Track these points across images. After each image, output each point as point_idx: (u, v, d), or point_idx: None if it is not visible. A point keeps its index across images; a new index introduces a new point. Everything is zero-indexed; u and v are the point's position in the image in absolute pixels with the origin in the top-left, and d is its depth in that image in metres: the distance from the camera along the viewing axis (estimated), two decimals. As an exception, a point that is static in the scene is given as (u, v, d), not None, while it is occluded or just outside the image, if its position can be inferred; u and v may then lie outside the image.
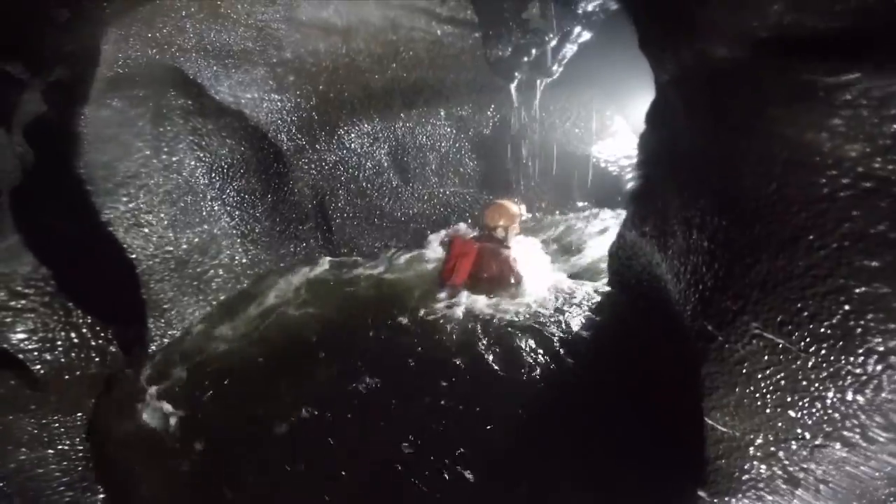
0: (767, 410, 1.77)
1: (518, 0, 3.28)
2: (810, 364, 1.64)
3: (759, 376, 1.77)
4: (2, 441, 2.23)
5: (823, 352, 1.60)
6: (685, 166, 2.06)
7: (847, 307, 1.52)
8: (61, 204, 2.70)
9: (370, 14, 3.52)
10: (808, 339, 1.62)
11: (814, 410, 1.66)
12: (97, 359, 2.61)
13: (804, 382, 1.66)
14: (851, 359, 1.55)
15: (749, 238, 1.73)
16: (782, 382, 1.72)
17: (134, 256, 2.96)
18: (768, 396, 1.77)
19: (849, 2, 1.37)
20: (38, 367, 2.42)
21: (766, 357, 1.74)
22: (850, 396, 1.58)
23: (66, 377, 2.51)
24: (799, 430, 1.71)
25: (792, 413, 1.71)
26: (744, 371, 1.82)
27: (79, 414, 2.51)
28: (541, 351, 2.71)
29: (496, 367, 2.66)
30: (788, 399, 1.71)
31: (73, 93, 2.67)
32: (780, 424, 1.75)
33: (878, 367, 1.51)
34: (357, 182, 3.89)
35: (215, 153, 3.33)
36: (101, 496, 2.31)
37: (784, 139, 1.57)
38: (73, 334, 2.54)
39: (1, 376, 2.31)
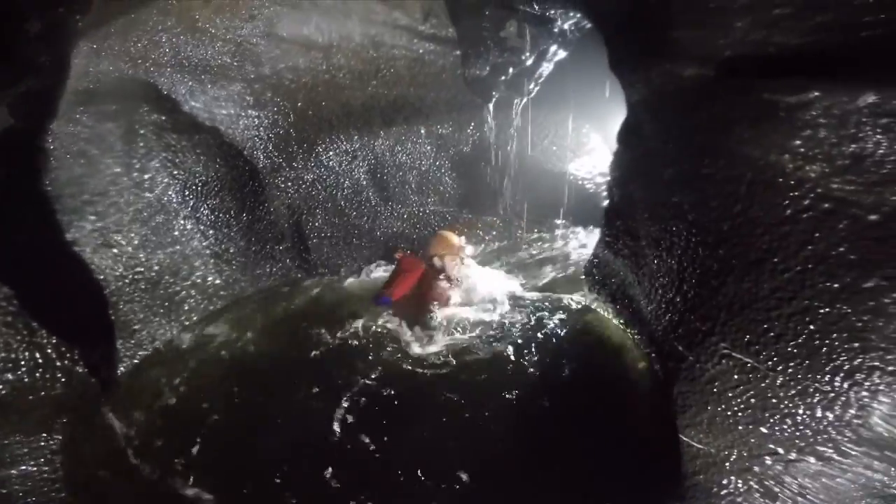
0: (740, 427, 1.80)
1: (496, 19, 3.32)
2: (779, 382, 1.67)
3: (730, 394, 1.80)
4: None
5: (791, 370, 1.63)
6: (654, 186, 2.09)
7: (812, 327, 1.55)
8: (26, 221, 2.61)
9: (352, 31, 3.52)
10: (775, 359, 1.65)
11: (785, 427, 1.69)
12: (63, 379, 2.54)
13: (774, 400, 1.69)
14: (819, 377, 1.58)
15: (716, 260, 1.75)
16: (752, 400, 1.75)
17: (102, 277, 2.87)
18: (740, 414, 1.79)
19: (810, 19, 1.41)
20: (0, 387, 2.35)
21: (735, 376, 1.77)
22: (819, 413, 1.61)
23: (30, 397, 2.44)
24: (772, 446, 1.74)
25: (764, 430, 1.74)
26: (714, 390, 1.84)
27: (43, 434, 2.43)
28: (515, 370, 2.71)
29: (466, 386, 2.66)
30: (759, 416, 1.74)
31: (42, 106, 2.59)
32: (752, 440, 1.78)
33: (846, 385, 1.54)
34: (335, 201, 3.85)
35: (189, 171, 3.26)
36: None
37: (749, 159, 1.60)
38: (37, 354, 2.48)
39: None
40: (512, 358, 2.80)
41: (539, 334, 2.94)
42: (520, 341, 2.90)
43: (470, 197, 4.15)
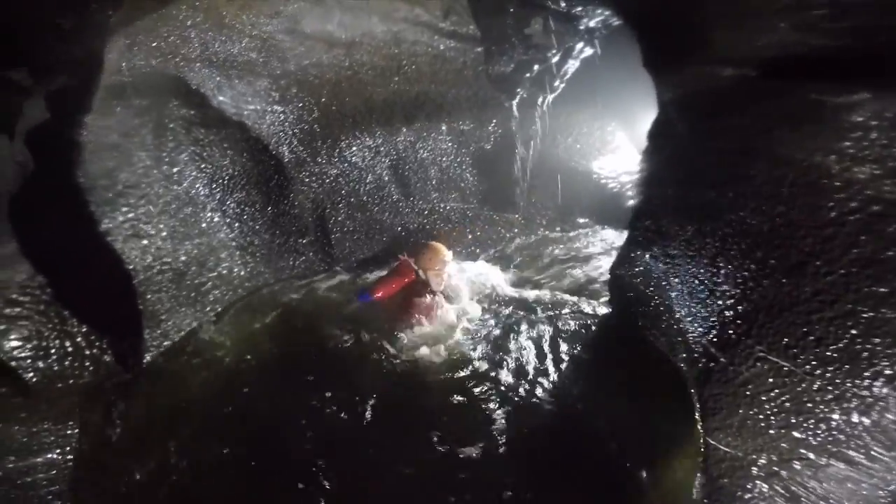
0: (771, 431, 1.77)
1: (520, 16, 3.30)
2: (815, 387, 1.64)
3: (764, 398, 1.77)
4: None
5: (829, 374, 1.60)
6: (687, 186, 2.07)
7: (854, 331, 1.52)
8: (60, 212, 2.66)
9: (374, 27, 3.53)
10: (813, 363, 1.62)
11: (819, 432, 1.67)
12: (91, 368, 2.56)
13: (809, 404, 1.67)
14: (857, 381, 1.55)
15: (753, 261, 1.72)
16: (787, 404, 1.73)
17: (132, 267, 2.92)
18: (772, 418, 1.77)
19: (850, 20, 1.37)
20: (31, 374, 2.38)
21: (770, 379, 1.75)
22: (855, 418, 1.58)
23: (59, 385, 2.46)
24: (803, 450, 1.71)
25: (796, 434, 1.71)
26: (748, 393, 1.82)
27: (69, 423, 2.44)
28: (534, 369, 2.70)
29: (485, 384, 2.65)
30: (792, 420, 1.72)
31: (76, 101, 2.65)
32: (783, 445, 1.75)
33: (885, 390, 1.51)
34: (358, 196, 3.87)
35: (216, 164, 3.30)
36: None
37: (791, 161, 1.57)
38: (67, 343, 2.50)
39: None
40: (526, 359, 2.78)
41: (555, 335, 2.92)
42: (535, 341, 2.88)
43: (491, 194, 4.13)
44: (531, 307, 3.17)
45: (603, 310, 3.05)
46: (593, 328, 2.95)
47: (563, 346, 2.84)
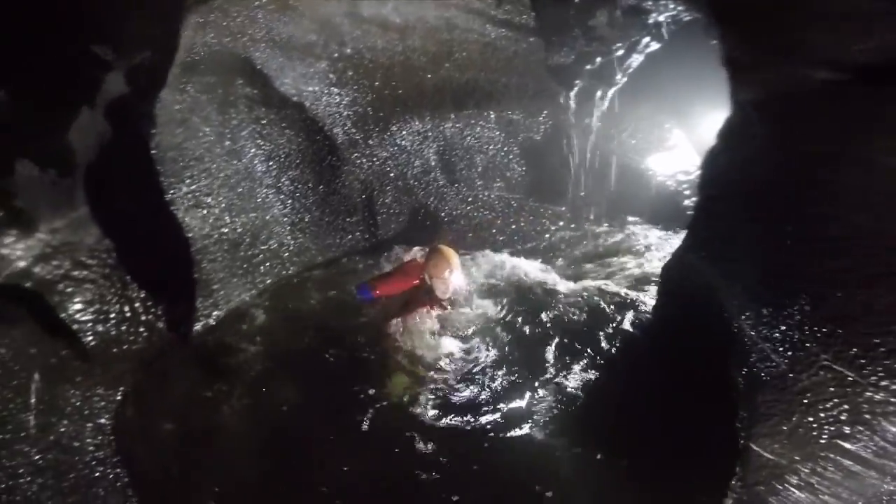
0: (822, 441, 1.74)
1: (584, 7, 3.24)
2: (878, 398, 1.60)
3: (821, 407, 1.73)
4: (48, 412, 2.15)
5: (894, 387, 1.56)
6: (761, 190, 1.99)
7: (932, 346, 1.47)
8: (131, 181, 2.79)
9: (427, 13, 3.56)
10: (880, 374, 1.57)
11: (871, 443, 1.63)
12: (145, 334, 2.63)
13: (867, 416, 1.63)
14: None
15: (828, 270, 1.68)
16: (844, 415, 1.68)
17: (191, 235, 3.06)
18: (826, 427, 1.73)
19: None
20: (90, 338, 2.41)
21: (831, 388, 1.70)
22: None
23: (114, 350, 2.50)
24: (849, 462, 1.68)
25: (847, 445, 1.68)
26: (805, 401, 1.77)
27: (120, 388, 2.47)
28: (570, 368, 2.68)
29: (528, 375, 2.65)
30: (846, 431, 1.68)
31: (153, 76, 2.76)
32: (830, 455, 1.72)
33: None
34: (405, 179, 3.93)
35: (274, 143, 3.43)
36: (130, 473, 2.27)
37: (881, 169, 1.52)
38: (125, 308, 2.56)
39: (53, 346, 2.28)
40: (562, 357, 2.75)
41: (596, 332, 2.88)
42: (574, 338, 2.84)
43: (537, 185, 4.09)
44: (572, 302, 3.12)
45: (649, 310, 2.98)
46: (638, 328, 2.89)
47: (604, 345, 2.80)
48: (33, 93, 2.32)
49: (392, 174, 3.87)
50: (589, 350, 2.78)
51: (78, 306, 2.38)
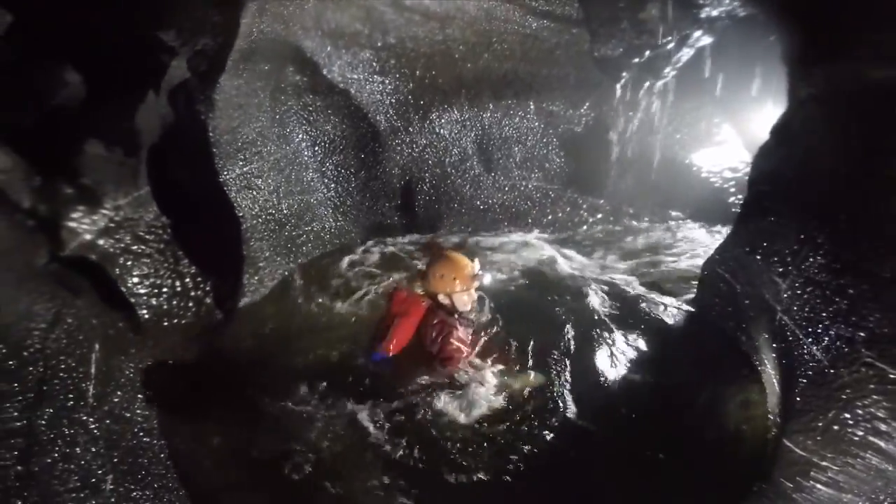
0: (856, 438, 1.72)
1: (635, 0, 3.19)
2: None
3: (859, 404, 1.71)
4: (105, 382, 2.20)
5: None
6: (816, 188, 1.97)
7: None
8: (189, 162, 2.96)
9: (467, 3, 3.59)
10: None
11: None
12: (193, 309, 2.73)
13: None
14: None
15: (882, 266, 1.65)
16: (881, 413, 1.66)
17: (241, 215, 3.20)
18: (862, 424, 1.71)
19: None
20: (144, 311, 2.51)
21: (871, 386, 1.68)
22: None
23: (165, 324, 2.60)
24: (877, 461, 1.66)
25: (881, 443, 1.65)
26: (844, 397, 1.75)
27: (169, 361, 2.55)
28: (604, 362, 2.65)
29: (557, 367, 2.62)
30: (883, 427, 1.65)
31: (214, 62, 2.89)
32: (861, 453, 1.69)
33: None
34: (443, 167, 3.98)
35: (320, 129, 3.56)
36: (170, 445, 2.29)
37: None
38: (177, 283, 2.67)
39: (112, 318, 2.35)
40: (596, 351, 2.72)
41: (631, 326, 2.84)
42: (609, 332, 2.81)
43: (577, 176, 4.07)
44: (608, 294, 3.10)
45: (688, 305, 2.94)
46: (675, 323, 2.86)
47: (639, 340, 2.77)
48: (103, 77, 2.46)
49: (430, 161, 3.93)
50: (623, 343, 2.76)
51: (135, 279, 2.51)
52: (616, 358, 2.69)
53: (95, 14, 2.46)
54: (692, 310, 2.92)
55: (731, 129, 4.04)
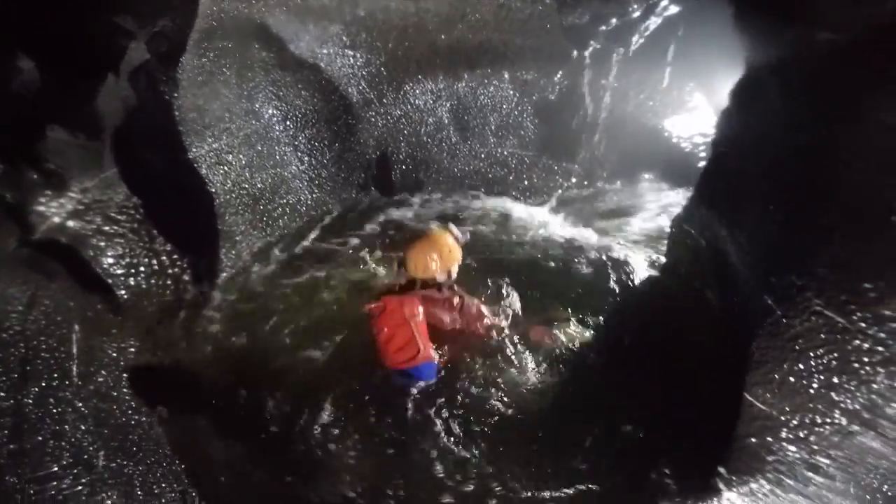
0: (811, 391, 1.77)
1: (602, -32, 3.16)
2: (866, 346, 1.63)
3: (811, 354, 1.76)
4: (88, 362, 2.24)
5: (883, 335, 1.59)
6: (770, 148, 2.04)
7: (919, 293, 1.48)
8: (155, 142, 2.92)
9: None
10: (870, 320, 1.61)
11: (858, 394, 1.66)
12: (172, 287, 2.76)
13: (855, 364, 1.66)
14: None
15: (830, 218, 1.72)
16: (833, 363, 1.71)
17: (213, 191, 3.21)
18: (815, 376, 1.76)
19: None
20: (122, 292, 2.54)
21: (822, 335, 1.73)
22: None
23: (144, 303, 2.63)
24: (837, 414, 1.70)
25: (835, 395, 1.71)
26: (797, 347, 1.80)
27: (151, 340, 2.58)
28: (578, 315, 2.77)
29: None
30: (835, 380, 1.70)
31: (174, 43, 2.86)
32: (819, 407, 1.74)
33: None
34: (418, 136, 3.98)
35: (291, 104, 3.52)
36: (161, 421, 2.33)
37: (883, 125, 1.56)
38: (154, 261, 2.70)
39: (90, 299, 2.38)
40: (570, 304, 2.83)
41: (604, 281, 2.97)
42: (582, 286, 2.94)
43: (551, 143, 4.09)
44: (581, 252, 3.22)
45: (656, 261, 3.07)
46: (644, 278, 2.97)
47: (610, 294, 2.91)
48: (61, 63, 2.44)
49: (406, 131, 3.93)
50: (596, 299, 2.89)
51: (110, 260, 2.53)
52: (594, 313, 2.80)
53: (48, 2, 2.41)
54: (664, 265, 3.01)
55: (701, 96, 4.09)
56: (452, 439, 2.30)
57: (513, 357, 2.56)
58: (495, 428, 2.34)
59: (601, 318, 2.79)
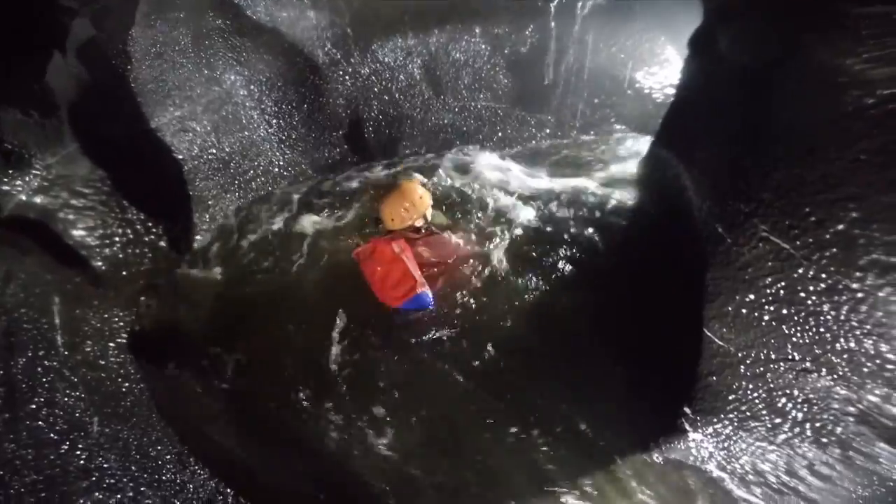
0: (763, 324, 1.85)
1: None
2: (811, 274, 1.69)
3: (761, 283, 1.84)
4: (73, 333, 2.31)
5: (825, 261, 1.65)
6: (720, 86, 2.13)
7: (855, 214, 1.57)
8: (114, 114, 2.88)
9: None
10: (811, 246, 1.67)
11: (807, 327, 1.73)
12: (150, 255, 2.82)
13: (802, 294, 1.73)
14: (851, 272, 1.60)
15: (771, 148, 1.79)
16: (781, 293, 1.78)
17: (181, 157, 3.18)
18: (766, 307, 1.84)
19: None
20: (99, 263, 2.62)
21: (769, 263, 1.80)
22: (843, 314, 1.65)
23: (124, 273, 2.70)
24: (790, 349, 1.78)
25: (785, 329, 1.78)
26: (746, 277, 1.88)
27: (134, 309, 2.68)
28: (555, 258, 2.87)
29: (508, 267, 2.84)
30: (784, 311, 1.78)
31: (119, 18, 2.82)
32: (772, 341, 1.83)
33: (879, 281, 1.55)
34: (390, 93, 3.92)
35: (253, 68, 3.43)
36: (151, 388, 2.41)
37: (818, 63, 1.64)
38: (128, 231, 2.76)
39: (66, 273, 2.45)
40: (547, 248, 2.93)
41: (577, 224, 3.04)
42: (556, 231, 3.01)
43: (524, 95, 4.06)
44: (554, 199, 3.28)
45: (626, 203, 3.14)
46: (615, 220, 3.06)
47: (585, 236, 2.98)
48: (2, 45, 2.40)
49: (376, 89, 3.86)
50: (567, 241, 2.97)
51: (82, 232, 2.59)
52: (558, 253, 2.91)
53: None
54: (633, 206, 3.12)
55: (673, 49, 4.05)
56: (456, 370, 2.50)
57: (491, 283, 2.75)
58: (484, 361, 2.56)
59: (576, 254, 2.90)
